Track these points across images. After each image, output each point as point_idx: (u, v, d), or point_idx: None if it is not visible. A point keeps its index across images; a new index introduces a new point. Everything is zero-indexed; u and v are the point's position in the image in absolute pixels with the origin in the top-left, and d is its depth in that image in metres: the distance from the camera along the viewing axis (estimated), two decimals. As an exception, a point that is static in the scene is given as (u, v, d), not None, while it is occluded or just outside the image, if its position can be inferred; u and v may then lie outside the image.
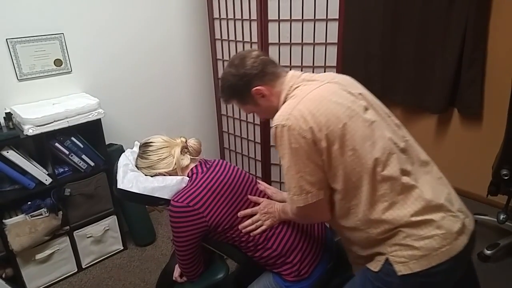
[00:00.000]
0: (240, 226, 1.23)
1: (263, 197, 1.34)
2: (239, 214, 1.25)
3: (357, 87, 1.14)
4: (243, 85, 1.14)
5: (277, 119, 1.04)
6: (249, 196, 1.30)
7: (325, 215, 1.11)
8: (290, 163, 1.02)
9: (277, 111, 1.11)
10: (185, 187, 1.23)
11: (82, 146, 2.00)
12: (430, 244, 0.96)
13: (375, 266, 1.03)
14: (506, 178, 1.88)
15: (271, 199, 1.34)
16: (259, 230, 1.24)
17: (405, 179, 1.00)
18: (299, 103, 1.04)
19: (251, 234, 1.23)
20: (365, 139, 1.01)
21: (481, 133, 2.44)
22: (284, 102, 1.11)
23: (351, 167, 1.00)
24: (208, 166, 1.31)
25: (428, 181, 1.05)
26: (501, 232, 2.20)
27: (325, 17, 1.95)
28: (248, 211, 1.26)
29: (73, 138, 1.97)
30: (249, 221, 1.25)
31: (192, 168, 1.30)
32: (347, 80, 1.16)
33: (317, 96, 1.05)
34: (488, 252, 2.02)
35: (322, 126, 0.99)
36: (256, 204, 1.30)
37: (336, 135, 0.99)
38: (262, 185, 1.39)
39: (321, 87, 1.09)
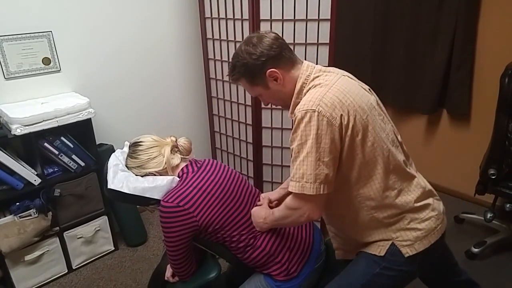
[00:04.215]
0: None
1: (256, 197, 1.35)
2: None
3: (363, 83, 1.19)
4: (259, 65, 1.10)
5: (307, 105, 1.02)
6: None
7: (318, 212, 1.07)
8: (311, 149, 1.00)
9: (287, 97, 1.14)
10: (175, 187, 1.23)
11: (72, 146, 1.98)
12: (430, 225, 1.10)
13: (379, 251, 1.11)
14: (493, 177, 1.91)
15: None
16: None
17: (408, 168, 1.12)
18: (328, 91, 1.04)
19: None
20: (382, 131, 1.08)
21: (469, 134, 2.48)
22: (300, 90, 1.11)
23: (369, 157, 1.05)
24: (198, 165, 1.31)
25: (416, 171, 1.18)
26: (488, 230, 2.24)
27: (317, 17, 1.96)
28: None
29: (62, 138, 1.95)
30: None
31: (182, 168, 1.30)
32: (352, 76, 1.19)
33: (344, 86, 1.07)
34: (476, 250, 2.05)
35: (350, 116, 1.02)
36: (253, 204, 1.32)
37: (361, 126, 1.03)
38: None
39: (342, 79, 1.11)
